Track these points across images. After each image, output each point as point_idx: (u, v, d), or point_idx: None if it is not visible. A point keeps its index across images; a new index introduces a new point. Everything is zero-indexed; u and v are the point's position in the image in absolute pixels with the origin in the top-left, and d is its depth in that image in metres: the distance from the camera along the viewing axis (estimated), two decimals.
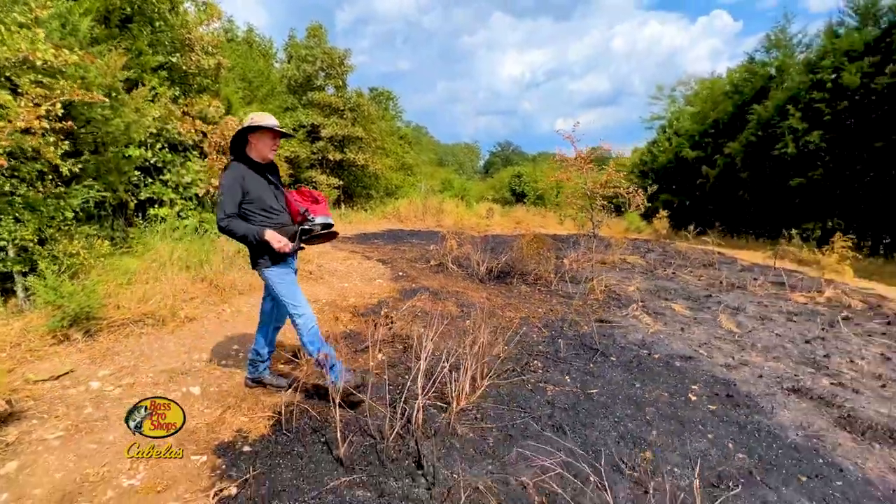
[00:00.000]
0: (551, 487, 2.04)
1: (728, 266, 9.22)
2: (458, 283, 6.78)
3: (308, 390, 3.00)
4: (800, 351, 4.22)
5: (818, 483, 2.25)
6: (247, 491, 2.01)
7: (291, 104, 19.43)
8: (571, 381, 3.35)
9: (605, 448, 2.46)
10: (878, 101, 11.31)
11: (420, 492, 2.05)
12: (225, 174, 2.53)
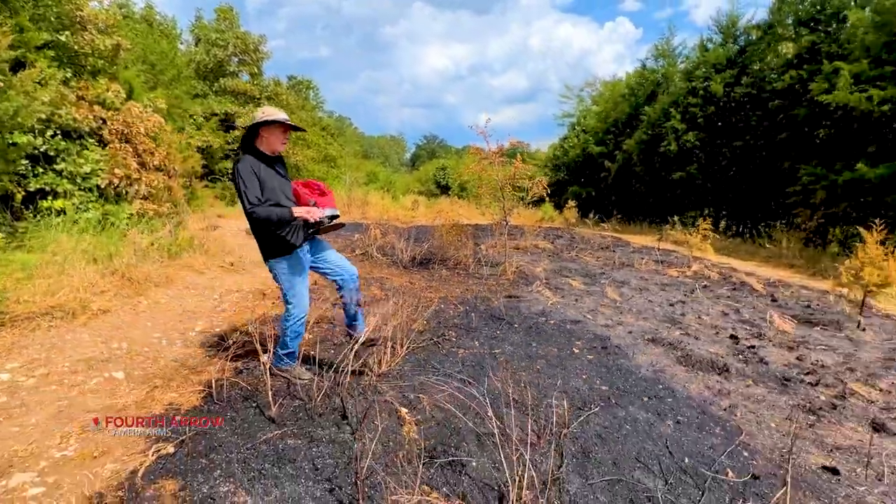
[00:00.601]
0: (453, 412, 2.51)
1: (622, 248, 10.56)
2: (383, 269, 7.10)
3: (237, 368, 3.19)
4: (664, 312, 5.18)
5: (656, 401, 2.97)
6: (184, 449, 2.22)
7: (202, 91, 18.17)
8: (480, 346, 3.88)
9: (501, 391, 2.99)
10: (738, 108, 13.48)
11: (345, 436, 2.41)
12: (239, 166, 2.61)
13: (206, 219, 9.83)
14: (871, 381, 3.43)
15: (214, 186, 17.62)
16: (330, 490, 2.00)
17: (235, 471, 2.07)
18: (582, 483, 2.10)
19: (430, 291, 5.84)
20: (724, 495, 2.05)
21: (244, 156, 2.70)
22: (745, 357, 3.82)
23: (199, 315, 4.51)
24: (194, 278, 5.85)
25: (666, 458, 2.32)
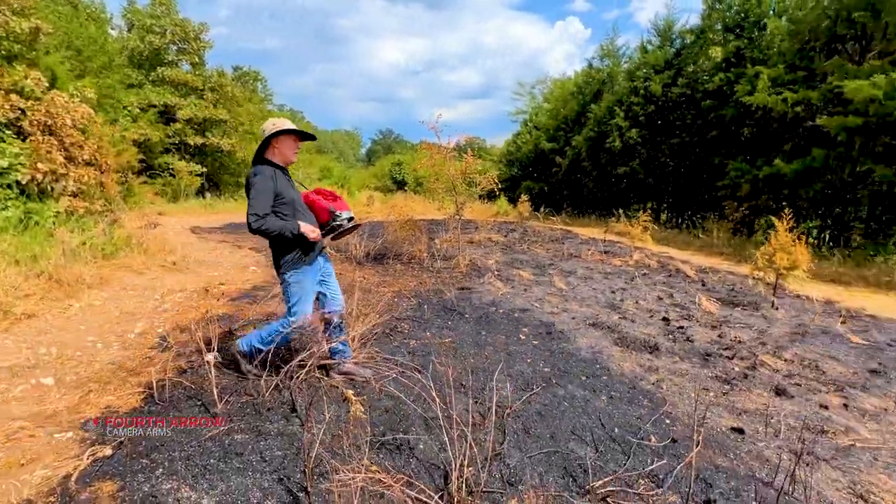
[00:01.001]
0: (402, 399, 2.60)
1: (571, 240, 11.04)
2: (337, 265, 7.03)
3: (181, 368, 3.10)
4: (606, 299, 5.51)
5: (592, 379, 3.20)
6: (123, 451, 2.17)
7: (137, 80, 17.02)
8: (431, 336, 3.98)
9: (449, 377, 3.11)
10: (675, 107, 14.38)
11: (294, 428, 2.43)
12: (256, 178, 2.56)
13: (145, 216, 9.28)
14: (778, 352, 3.85)
15: (154, 182, 16.59)
16: (279, 480, 2.03)
17: (179, 468, 2.05)
18: (521, 457, 2.25)
19: (385, 286, 5.87)
20: (646, 458, 2.27)
21: (259, 167, 2.64)
22: (675, 337, 4.17)
23: (139, 316, 4.30)
24: (133, 279, 5.55)
25: (598, 429, 2.53)
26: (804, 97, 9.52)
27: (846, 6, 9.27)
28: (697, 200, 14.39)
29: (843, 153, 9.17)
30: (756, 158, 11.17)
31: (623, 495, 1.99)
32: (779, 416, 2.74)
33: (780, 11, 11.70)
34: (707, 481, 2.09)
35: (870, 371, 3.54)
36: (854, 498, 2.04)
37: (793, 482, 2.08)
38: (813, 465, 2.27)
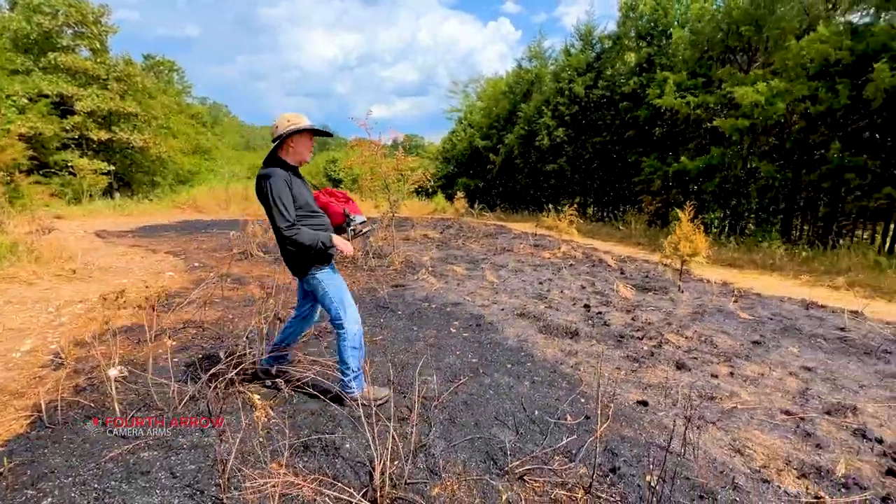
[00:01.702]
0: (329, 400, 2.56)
1: (504, 235, 11.41)
2: (265, 267, 6.73)
3: (78, 386, 2.81)
4: (534, 290, 5.78)
5: (517, 367, 3.35)
6: (3, 483, 1.93)
7: (23, 66, 15.01)
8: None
9: (381, 373, 3.11)
10: (596, 108, 15.33)
11: (210, 440, 2.30)
12: (270, 181, 2.35)
13: (36, 220, 8.23)
14: (681, 331, 4.28)
15: (50, 182, 14.74)
16: (191, 495, 1.92)
17: (72, 495, 1.87)
18: (446, 445, 2.31)
19: None
20: (562, 436, 2.43)
21: (272, 169, 2.41)
22: (594, 322, 4.48)
23: (28, 332, 3.83)
24: (20, 291, 4.91)
25: (520, 413, 2.66)
26: (703, 101, 10.58)
27: (735, 21, 10.42)
28: (618, 195, 15.49)
29: (736, 151, 10.32)
30: (666, 156, 12.24)
31: (539, 472, 2.11)
32: (677, 388, 3.05)
33: (683, 22, 12.87)
34: (614, 451, 2.29)
35: (752, 342, 4.04)
36: (733, 453, 2.33)
37: (684, 444, 2.33)
38: (702, 427, 2.55)
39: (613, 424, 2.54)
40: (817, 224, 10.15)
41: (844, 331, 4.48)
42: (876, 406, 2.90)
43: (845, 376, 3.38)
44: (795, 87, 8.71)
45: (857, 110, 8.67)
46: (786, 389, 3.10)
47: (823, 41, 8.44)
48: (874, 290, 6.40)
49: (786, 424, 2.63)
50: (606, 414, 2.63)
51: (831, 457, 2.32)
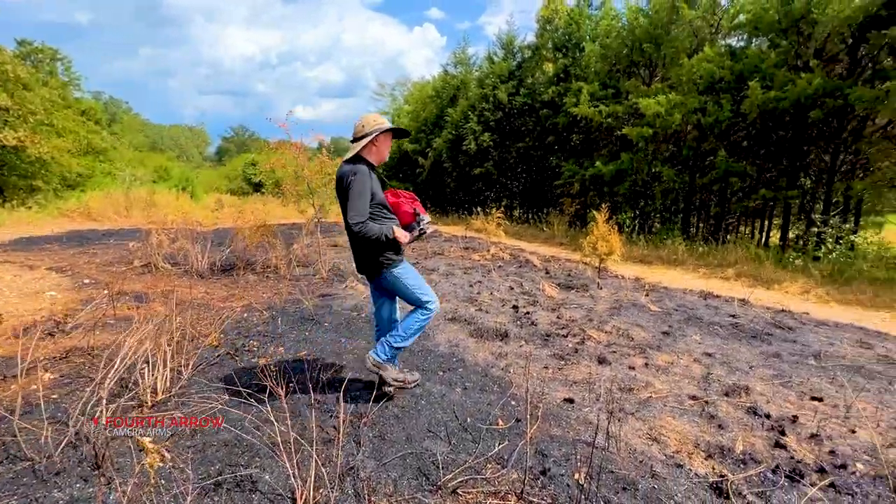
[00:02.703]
0: (246, 427, 2.32)
1: (435, 239, 11.43)
2: (172, 281, 6.07)
3: None
4: (464, 293, 5.81)
5: (449, 373, 3.31)
6: None
7: None
8: (285, 351, 3.68)
9: (304, 393, 2.90)
10: (519, 114, 15.97)
11: (92, 490, 1.97)
12: (356, 178, 2.45)
13: None
14: (601, 326, 4.53)
15: None
16: None
17: None
18: (376, 465, 2.19)
19: (233, 300, 5.26)
20: (494, 442, 2.42)
21: (359, 166, 2.50)
22: (522, 322, 4.59)
23: None
24: None
25: (452, 422, 2.62)
26: (614, 110, 11.45)
27: (638, 38, 11.42)
28: (542, 198, 16.25)
29: (642, 157, 11.30)
30: (584, 161, 13.06)
31: (472, 483, 2.07)
32: (600, 382, 3.20)
33: (594, 37, 13.84)
34: (544, 453, 2.32)
35: (662, 333, 4.39)
36: (650, 441, 2.48)
37: (608, 438, 2.44)
38: (623, 420, 2.69)
39: (543, 425, 2.58)
40: (710, 222, 11.42)
41: (735, 317, 5.04)
42: (763, 385, 3.27)
43: (738, 359, 3.78)
44: (689, 100, 9.73)
45: (738, 122, 9.90)
46: (692, 376, 3.39)
47: (709, 61, 9.53)
48: (756, 280, 7.31)
49: (693, 409, 2.86)
50: (536, 415, 2.67)
51: (731, 436, 2.55)
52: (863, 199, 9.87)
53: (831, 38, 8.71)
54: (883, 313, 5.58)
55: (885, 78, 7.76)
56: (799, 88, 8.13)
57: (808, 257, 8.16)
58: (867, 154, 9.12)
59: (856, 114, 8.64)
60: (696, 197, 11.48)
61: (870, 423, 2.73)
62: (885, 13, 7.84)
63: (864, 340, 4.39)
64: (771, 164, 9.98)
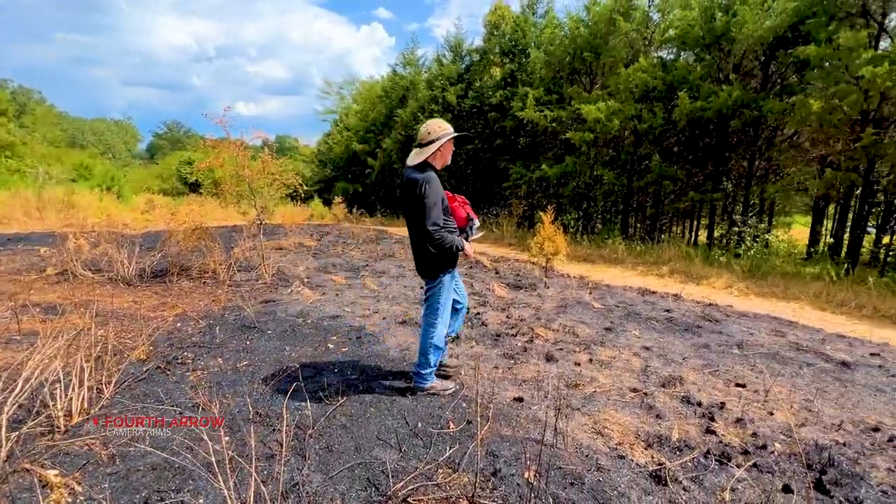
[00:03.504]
0: (176, 448, 2.13)
1: (386, 240, 11.28)
2: (93, 290, 5.52)
3: None
4: (415, 295, 5.76)
5: (400, 378, 3.25)
6: None
7: None
8: (223, 362, 3.44)
9: (242, 407, 2.72)
10: (468, 116, 16.16)
11: None
12: (430, 187, 2.48)
13: None
14: (548, 325, 4.66)
15: None
16: None
17: None
18: (323, 479, 2.09)
19: (165, 309, 4.87)
20: (445, 446, 2.40)
21: (428, 172, 2.55)
22: (472, 323, 4.62)
23: None
24: None
25: (403, 428, 2.56)
26: (558, 115, 11.89)
27: (579, 47, 11.94)
28: (492, 199, 16.55)
29: (585, 161, 11.82)
30: (531, 163, 13.44)
31: (423, 490, 2.04)
32: (548, 379, 3.28)
33: (538, 44, 14.29)
34: (495, 454, 2.33)
35: (605, 329, 4.59)
36: (595, 435, 2.57)
37: (556, 435, 2.49)
38: (570, 415, 2.77)
39: (494, 425, 2.60)
40: (646, 223, 12.17)
41: (670, 312, 5.38)
42: (695, 374, 3.50)
43: (673, 351, 4.02)
44: (626, 107, 10.31)
45: (670, 129, 10.62)
46: (632, 369, 3.56)
47: (644, 71, 10.15)
48: (687, 276, 7.86)
49: (634, 401, 3.00)
50: (487, 416, 2.69)
51: (668, 425, 2.70)
52: (775, 202, 10.94)
53: (747, 55, 9.58)
54: (793, 304, 6.20)
55: (791, 93, 8.64)
56: (721, 100, 8.86)
57: (731, 254, 8.90)
58: (778, 161, 10.13)
59: (768, 124, 9.56)
60: (633, 199, 12.18)
61: (785, 405, 3.00)
62: (791, 35, 8.74)
63: (778, 329, 4.85)
64: (698, 169, 10.80)
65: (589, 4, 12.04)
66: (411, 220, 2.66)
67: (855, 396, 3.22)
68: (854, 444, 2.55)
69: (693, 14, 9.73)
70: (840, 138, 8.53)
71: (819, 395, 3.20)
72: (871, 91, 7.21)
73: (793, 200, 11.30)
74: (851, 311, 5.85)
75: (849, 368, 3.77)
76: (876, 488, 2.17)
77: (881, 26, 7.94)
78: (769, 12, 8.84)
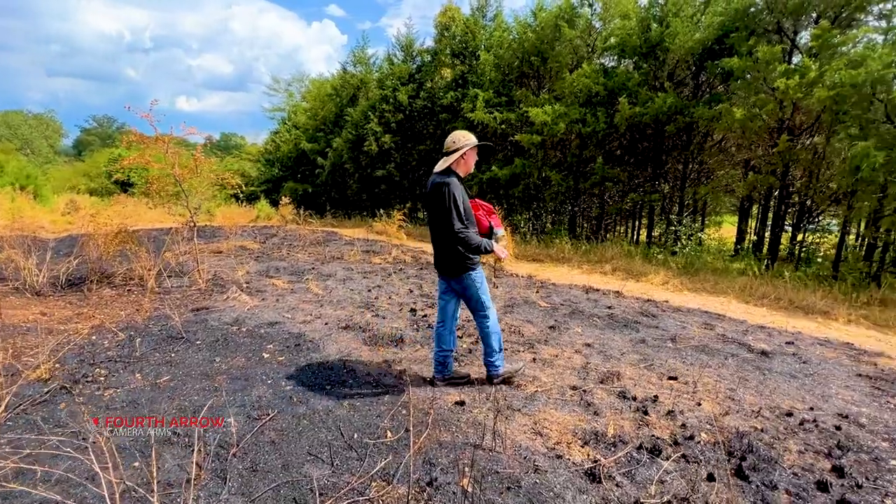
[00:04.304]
0: (70, 482, 1.89)
1: (335, 242, 10.96)
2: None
3: None
4: (362, 298, 5.60)
5: (338, 387, 3.11)
6: None
7: None
8: (142, 378, 3.15)
9: (161, 426, 2.48)
10: (420, 117, 16.07)
11: None
12: (453, 190, 2.71)
13: None
14: None
15: None
16: None
17: None
18: (244, 502, 1.93)
19: (79, 321, 4.41)
20: (381, 457, 2.30)
21: (451, 178, 2.76)
22: (419, 325, 4.54)
23: None
24: None
25: (337, 441, 2.44)
26: (507, 117, 12.07)
27: (527, 51, 12.19)
28: None
29: (533, 163, 12.08)
30: (481, 164, 13.56)
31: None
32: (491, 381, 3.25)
33: (488, 47, 14.46)
34: (432, 462, 2.26)
35: (549, 327, 4.66)
36: (534, 435, 2.57)
37: (495, 438, 2.46)
38: (510, 417, 2.75)
39: (433, 432, 2.53)
40: (592, 223, 12.63)
41: (611, 308, 5.57)
42: (632, 369, 3.62)
43: (612, 347, 4.15)
44: (571, 111, 10.64)
45: (612, 133, 11.09)
46: (573, 367, 3.63)
47: (587, 77, 10.52)
48: (628, 273, 8.21)
49: (573, 399, 3.04)
50: (427, 422, 2.61)
51: (604, 421, 2.75)
52: (706, 202, 11.71)
53: (680, 65, 10.18)
54: (721, 298, 6.62)
55: (719, 101, 9.27)
56: (657, 105, 9.35)
57: (668, 252, 9.42)
58: (708, 164, 10.84)
59: (699, 130, 10.21)
60: (580, 199, 12.60)
61: (711, 396, 3.16)
62: (717, 47, 9.38)
63: (708, 322, 5.15)
64: (639, 171, 11.34)
65: (536, 10, 12.33)
66: (436, 223, 2.86)
67: (772, 383, 3.46)
68: (770, 430, 2.72)
69: (631, 24, 10.20)
70: (760, 144, 9.26)
71: (741, 384, 3.40)
72: (785, 101, 7.87)
73: (722, 201, 12.14)
74: (771, 304, 6.34)
75: (767, 357, 4.05)
76: (788, 471, 2.31)
77: (793, 42, 8.70)
78: (698, 25, 9.44)
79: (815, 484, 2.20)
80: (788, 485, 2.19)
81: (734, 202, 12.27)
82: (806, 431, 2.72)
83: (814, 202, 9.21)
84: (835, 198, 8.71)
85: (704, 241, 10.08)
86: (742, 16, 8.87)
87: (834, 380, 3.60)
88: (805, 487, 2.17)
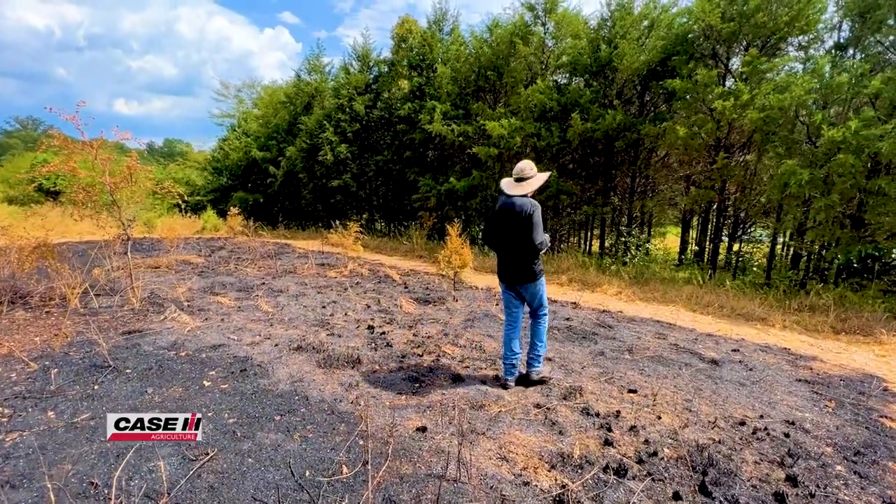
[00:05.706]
0: None
1: (287, 255, 10.47)
2: None
3: None
4: (315, 316, 5.31)
5: (288, 416, 2.86)
6: None
7: None
8: (56, 416, 2.75)
9: (71, 477, 2.14)
10: (377, 127, 15.88)
11: None
12: (537, 211, 3.25)
13: None
14: (455, 341, 4.55)
15: None
16: None
17: None
18: None
19: None
20: (336, 496, 2.10)
21: (534, 200, 3.32)
22: (377, 344, 4.34)
23: None
24: None
25: (287, 480, 2.21)
26: (464, 130, 12.16)
27: (483, 66, 12.39)
28: (402, 211, 16.38)
29: (490, 175, 12.21)
30: (439, 176, 13.55)
31: None
32: (453, 402, 3.12)
33: (445, 59, 14.59)
34: (392, 499, 2.09)
35: None
36: (500, 461, 2.45)
37: (459, 467, 2.33)
38: (474, 441, 2.63)
39: (393, 463, 2.35)
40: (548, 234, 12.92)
41: (570, 320, 5.62)
42: (593, 383, 3.61)
43: (572, 360, 4.15)
44: (526, 125, 10.87)
45: (565, 147, 11.43)
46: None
47: (542, 92, 10.81)
48: (584, 284, 8.40)
49: (538, 418, 2.97)
50: (386, 453, 2.44)
51: (570, 440, 2.69)
52: (653, 214, 12.30)
53: (628, 84, 10.70)
54: (671, 307, 6.89)
55: (663, 119, 9.79)
56: (607, 122, 9.74)
57: (619, 262, 9.75)
58: (654, 178, 11.41)
59: (646, 146, 10.74)
60: None
61: (669, 408, 3.19)
62: (661, 69, 9.94)
63: (660, 332, 5.30)
64: (591, 185, 11.74)
65: (491, 26, 12.58)
66: (516, 239, 3.29)
67: (724, 392, 3.56)
68: (727, 441, 2.77)
69: (582, 43, 10.62)
70: (700, 160, 9.85)
71: (696, 395, 3.48)
72: (722, 121, 8.43)
73: (666, 213, 12.81)
74: (715, 311, 6.67)
75: (717, 366, 4.20)
76: (747, 483, 2.34)
77: (726, 67, 9.39)
78: (644, 48, 9.97)
79: (773, 496, 2.23)
80: (749, 498, 2.21)
81: (677, 214, 12.98)
82: (759, 440, 2.80)
83: (747, 214, 9.90)
84: (765, 210, 9.41)
85: (651, 252, 10.54)
86: (682, 40, 9.46)
87: (778, 386, 3.77)
88: (764, 500, 2.20)
